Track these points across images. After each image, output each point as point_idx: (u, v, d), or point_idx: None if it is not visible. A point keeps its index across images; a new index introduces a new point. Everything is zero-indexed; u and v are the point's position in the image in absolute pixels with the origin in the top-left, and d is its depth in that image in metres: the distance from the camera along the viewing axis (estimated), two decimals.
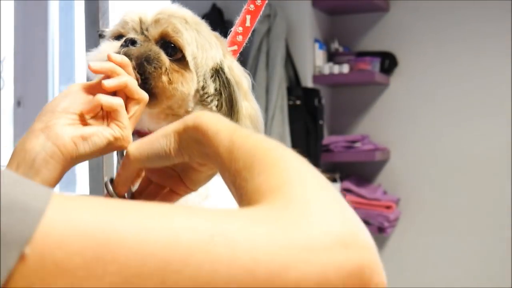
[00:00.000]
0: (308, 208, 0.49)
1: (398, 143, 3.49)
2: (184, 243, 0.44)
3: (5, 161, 0.82)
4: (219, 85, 1.03)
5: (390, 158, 3.50)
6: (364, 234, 0.49)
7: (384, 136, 3.49)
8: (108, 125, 0.85)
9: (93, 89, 0.86)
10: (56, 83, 3.63)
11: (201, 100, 1.03)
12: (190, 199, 0.91)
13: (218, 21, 3.09)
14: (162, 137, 0.71)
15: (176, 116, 1.01)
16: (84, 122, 0.84)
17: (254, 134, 0.62)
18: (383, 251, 3.50)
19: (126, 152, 0.74)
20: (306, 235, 0.47)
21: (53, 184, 0.81)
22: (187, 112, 1.02)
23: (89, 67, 0.87)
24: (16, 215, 0.42)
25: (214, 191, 1.03)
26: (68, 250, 0.42)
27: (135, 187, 0.84)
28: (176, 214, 0.47)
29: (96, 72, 0.87)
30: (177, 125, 0.70)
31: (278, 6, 3.08)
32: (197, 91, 1.02)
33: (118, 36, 1.02)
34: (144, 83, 0.93)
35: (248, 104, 1.06)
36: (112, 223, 0.44)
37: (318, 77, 3.28)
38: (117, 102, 0.85)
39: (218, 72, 1.03)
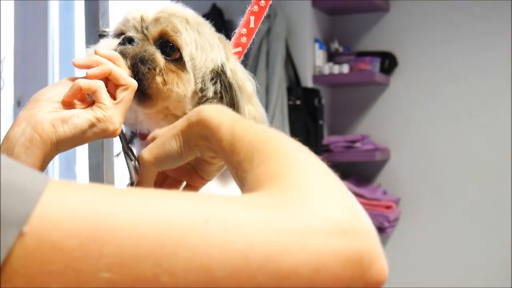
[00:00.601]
0: (306, 194, 0.49)
1: (398, 143, 3.49)
2: (178, 227, 0.44)
3: None
4: (221, 88, 1.01)
5: (390, 158, 3.50)
6: (364, 220, 0.49)
7: (384, 136, 3.49)
8: (92, 108, 0.85)
9: None
10: None
11: (200, 103, 1.01)
12: (209, 187, 0.91)
13: (218, 21, 3.09)
14: (172, 139, 0.71)
15: (175, 116, 1.00)
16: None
17: (255, 125, 0.62)
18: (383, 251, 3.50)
19: (141, 159, 0.75)
20: (303, 220, 0.46)
21: None
22: (185, 114, 1.01)
23: (73, 62, 0.87)
24: (14, 196, 0.42)
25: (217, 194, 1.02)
26: (64, 231, 0.43)
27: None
28: (171, 198, 0.47)
29: (79, 66, 0.87)
30: (182, 123, 0.70)
31: (278, 6, 3.08)
32: (195, 93, 1.00)
33: (119, 34, 1.01)
34: (139, 84, 0.92)
35: (253, 107, 1.04)
36: (108, 206, 0.45)
37: (318, 77, 3.28)
38: (96, 83, 0.85)
39: (220, 75, 1.02)
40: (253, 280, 0.44)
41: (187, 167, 0.77)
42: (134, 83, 0.88)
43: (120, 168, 1.15)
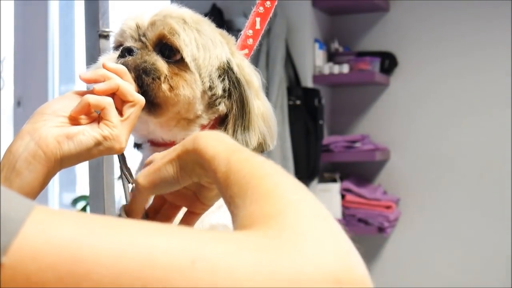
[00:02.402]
0: (300, 238, 0.46)
1: (398, 143, 3.49)
2: (163, 265, 0.42)
3: None
4: (229, 85, 1.00)
5: (390, 158, 3.50)
6: (359, 270, 0.46)
7: (384, 136, 3.49)
8: (98, 125, 0.83)
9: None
10: (56, 83, 3.63)
11: (210, 102, 1.00)
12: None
13: (218, 21, 3.09)
14: (168, 164, 0.68)
15: (187, 120, 0.98)
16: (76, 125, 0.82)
17: (252, 158, 0.59)
18: (383, 251, 3.51)
19: (136, 183, 0.73)
20: (295, 267, 0.44)
21: (36, 187, 0.78)
22: (197, 116, 0.99)
23: (79, 77, 0.85)
24: None
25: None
26: (41, 264, 0.41)
27: (148, 203, 0.82)
28: (157, 233, 0.45)
29: (87, 81, 0.86)
30: (179, 148, 0.68)
31: (278, 6, 3.06)
32: (204, 92, 0.98)
33: (118, 46, 1.00)
34: (145, 95, 0.91)
35: (260, 102, 1.03)
36: (90, 239, 0.43)
37: (318, 77, 3.28)
38: (105, 100, 0.83)
39: (227, 72, 1.00)
40: None
41: (187, 193, 0.75)
42: (142, 100, 0.87)
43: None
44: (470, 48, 3.38)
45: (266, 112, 1.03)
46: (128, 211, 0.77)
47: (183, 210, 0.78)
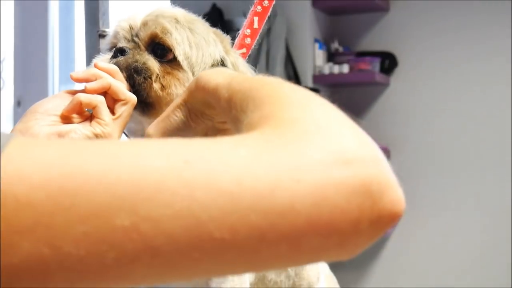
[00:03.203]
0: (302, 125, 0.43)
1: (398, 143, 3.49)
2: (155, 170, 0.40)
3: None
4: None
5: (390, 158, 3.50)
6: (370, 147, 0.43)
7: (384, 136, 3.49)
8: (90, 123, 0.83)
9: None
10: (56, 83, 3.63)
11: None
12: None
13: (218, 21, 3.09)
14: (176, 110, 0.67)
15: None
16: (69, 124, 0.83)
17: (251, 77, 0.57)
18: (383, 251, 3.50)
19: (147, 134, 0.70)
20: (298, 152, 0.41)
21: None
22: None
23: (71, 76, 0.85)
24: None
25: None
26: (29, 184, 0.39)
27: None
28: (148, 143, 0.43)
29: (78, 80, 0.86)
30: (184, 93, 0.66)
31: (278, 6, 3.08)
32: None
33: (112, 47, 1.00)
34: (137, 94, 0.91)
35: None
36: (77, 155, 0.41)
37: (318, 77, 3.28)
38: (97, 99, 0.83)
39: None
40: (245, 220, 0.40)
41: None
42: (133, 98, 0.87)
43: None
44: (470, 48, 3.38)
45: None
46: None
47: None
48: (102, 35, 1.21)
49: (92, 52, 1.22)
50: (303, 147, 0.42)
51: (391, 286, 3.45)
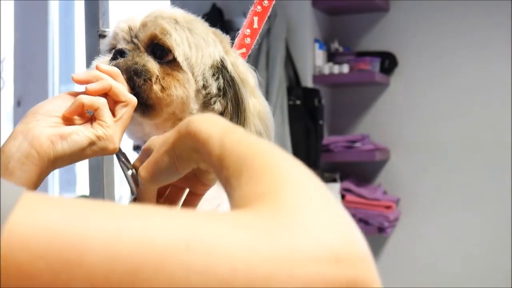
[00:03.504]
0: (298, 214, 0.45)
1: (398, 143, 3.49)
2: (157, 249, 0.41)
3: None
4: (224, 83, 1.00)
5: (390, 158, 3.50)
6: (360, 245, 0.45)
7: (384, 136, 3.49)
8: (91, 125, 0.83)
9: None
10: (56, 83, 3.63)
11: (205, 101, 1.00)
12: (201, 208, 0.89)
13: (218, 21, 3.09)
14: (165, 155, 0.67)
15: (182, 121, 0.99)
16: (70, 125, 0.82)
17: (246, 137, 0.57)
18: (383, 251, 3.50)
19: (139, 177, 0.72)
20: (293, 244, 0.43)
21: (29, 188, 0.77)
22: (192, 116, 0.99)
23: (72, 78, 0.85)
24: None
25: (226, 198, 0.99)
26: (31, 252, 0.40)
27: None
28: (150, 215, 0.44)
29: (79, 82, 0.86)
30: (173, 135, 0.66)
31: (278, 6, 3.08)
32: (198, 91, 0.98)
33: (112, 49, 1.00)
34: (138, 96, 0.91)
35: (256, 100, 1.02)
36: (81, 224, 0.41)
37: (318, 77, 3.28)
38: (99, 101, 0.83)
39: (221, 70, 1.00)
40: None
41: (188, 175, 0.74)
42: (134, 100, 0.87)
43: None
44: (470, 48, 3.38)
45: (262, 110, 1.03)
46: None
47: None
48: (102, 35, 1.21)
49: (92, 52, 1.22)
50: (299, 240, 0.43)
51: (391, 286, 3.45)
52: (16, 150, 0.78)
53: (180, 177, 0.70)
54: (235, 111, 1.00)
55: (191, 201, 0.77)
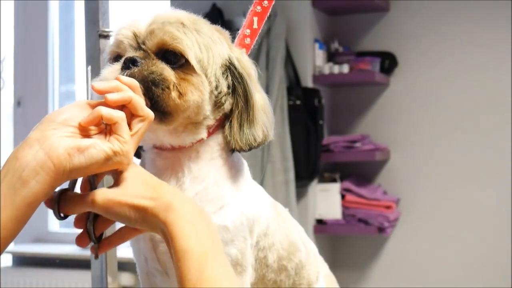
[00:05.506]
0: None
1: (398, 143, 3.49)
2: None
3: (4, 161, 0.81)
4: (232, 80, 1.00)
5: (390, 158, 3.50)
6: None
7: (384, 136, 3.49)
8: (108, 139, 0.81)
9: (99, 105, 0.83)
10: (56, 83, 3.63)
11: (216, 101, 0.99)
12: (205, 209, 0.89)
13: (218, 21, 3.09)
14: (133, 209, 0.68)
15: (194, 124, 0.98)
16: (86, 136, 0.81)
17: (224, 272, 0.59)
18: (383, 251, 3.50)
19: (95, 200, 0.76)
20: None
21: (40, 197, 0.77)
22: (204, 118, 0.98)
23: (93, 87, 0.84)
24: None
25: (230, 200, 1.00)
26: None
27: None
28: None
29: (100, 92, 0.84)
30: (150, 204, 0.67)
31: (278, 6, 3.08)
32: (211, 92, 0.98)
33: (116, 57, 0.99)
34: (155, 105, 0.91)
35: (260, 95, 1.03)
36: None
37: (318, 77, 3.28)
38: (118, 114, 0.82)
39: (229, 68, 1.00)
40: None
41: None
42: (151, 115, 0.86)
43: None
44: (470, 47, 3.38)
45: (264, 104, 1.03)
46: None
47: None
48: (102, 35, 1.21)
49: (92, 52, 1.22)
50: None
51: (391, 286, 3.45)
52: (31, 158, 0.76)
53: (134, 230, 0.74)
54: (245, 107, 1.00)
55: (126, 233, 0.81)
